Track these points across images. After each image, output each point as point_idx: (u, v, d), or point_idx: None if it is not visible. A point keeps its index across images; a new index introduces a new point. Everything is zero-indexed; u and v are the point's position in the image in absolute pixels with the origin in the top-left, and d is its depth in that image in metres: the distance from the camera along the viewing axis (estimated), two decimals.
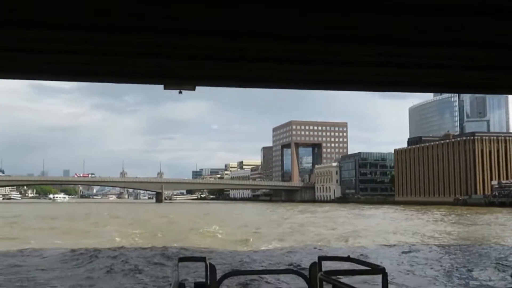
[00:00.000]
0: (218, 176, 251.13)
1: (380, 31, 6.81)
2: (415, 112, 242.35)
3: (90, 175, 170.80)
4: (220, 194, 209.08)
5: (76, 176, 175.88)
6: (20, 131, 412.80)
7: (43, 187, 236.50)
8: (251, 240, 23.83)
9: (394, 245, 22.35)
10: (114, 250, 19.82)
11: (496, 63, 8.98)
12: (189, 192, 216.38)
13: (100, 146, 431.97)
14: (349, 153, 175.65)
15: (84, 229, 32.19)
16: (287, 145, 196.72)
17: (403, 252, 19.58)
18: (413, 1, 5.80)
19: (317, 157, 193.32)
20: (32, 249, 20.26)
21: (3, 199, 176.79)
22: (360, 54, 8.15)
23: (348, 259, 3.80)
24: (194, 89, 10.71)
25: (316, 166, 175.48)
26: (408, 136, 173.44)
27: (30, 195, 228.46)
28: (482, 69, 9.22)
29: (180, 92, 10.41)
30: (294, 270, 4.15)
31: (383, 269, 3.01)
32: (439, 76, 10.09)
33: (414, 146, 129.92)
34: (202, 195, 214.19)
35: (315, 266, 3.56)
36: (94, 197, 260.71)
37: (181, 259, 3.50)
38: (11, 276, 13.65)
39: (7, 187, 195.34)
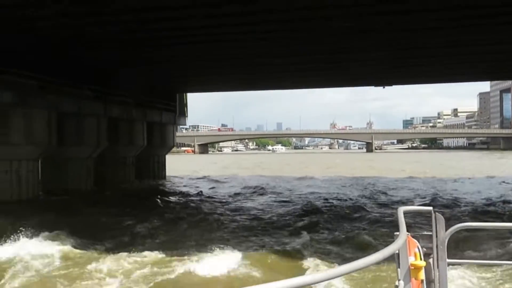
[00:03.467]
0: (430, 124, 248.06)
1: None
2: None
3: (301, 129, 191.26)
4: (432, 143, 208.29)
5: (288, 129, 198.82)
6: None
7: (261, 140, 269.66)
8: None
9: None
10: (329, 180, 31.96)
11: None
12: (400, 141, 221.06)
13: (309, 98, 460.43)
14: None
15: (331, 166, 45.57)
16: (507, 90, 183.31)
17: None
18: None
19: None
20: (299, 177, 33.93)
21: (232, 150, 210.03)
22: None
23: None
24: None
25: None
26: None
27: (251, 147, 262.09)
28: None
29: None
30: None
31: None
32: None
33: None
34: (413, 145, 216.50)
35: None
36: (306, 148, 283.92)
37: (406, 211, 3.15)
38: (308, 189, 26.78)
39: (232, 141, 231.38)
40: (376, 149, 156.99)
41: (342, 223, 15.66)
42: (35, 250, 11.45)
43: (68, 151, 24.63)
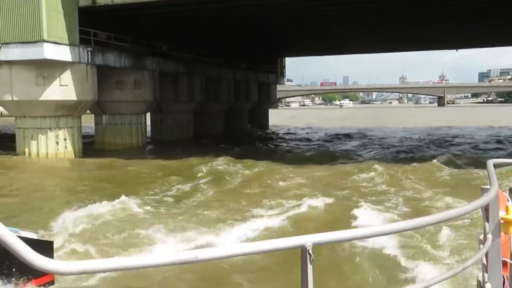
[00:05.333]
0: (509, 77, 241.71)
1: None
2: None
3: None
4: (510, 97, 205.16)
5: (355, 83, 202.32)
6: None
7: (328, 95, 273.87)
8: None
9: None
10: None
11: None
12: (474, 95, 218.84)
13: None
14: None
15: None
16: None
17: None
18: None
19: None
20: (379, 126, 42.00)
21: (299, 105, 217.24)
22: None
23: None
24: None
25: None
26: None
27: (317, 102, 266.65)
28: None
29: None
30: None
31: None
32: None
33: None
34: (489, 98, 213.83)
35: None
36: (374, 102, 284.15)
37: (496, 164, 3.05)
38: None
39: (298, 96, 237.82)
40: (448, 103, 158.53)
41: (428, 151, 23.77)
42: (226, 165, 19.97)
43: (210, 106, 34.12)
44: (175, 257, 1.56)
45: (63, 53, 20.52)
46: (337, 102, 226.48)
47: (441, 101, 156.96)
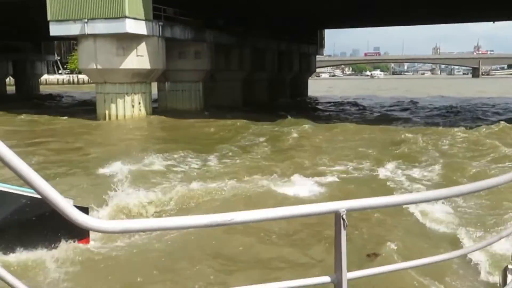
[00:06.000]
0: None
1: None
2: None
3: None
4: None
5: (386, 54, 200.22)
6: None
7: (358, 65, 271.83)
8: None
9: None
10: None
11: None
12: (511, 66, 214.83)
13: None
14: None
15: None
16: None
17: None
18: None
19: None
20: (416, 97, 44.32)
21: (330, 76, 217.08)
22: None
23: None
24: None
25: None
26: None
27: (347, 73, 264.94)
28: None
29: None
30: None
31: None
32: None
33: None
34: None
35: None
36: (405, 73, 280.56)
37: None
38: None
39: (328, 67, 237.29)
40: (483, 74, 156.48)
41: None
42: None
43: (256, 75, 37.03)
44: (211, 219, 1.61)
45: (140, 27, 23.67)
46: (368, 73, 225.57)
47: (475, 73, 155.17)
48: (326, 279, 1.90)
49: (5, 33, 43.53)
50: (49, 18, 23.91)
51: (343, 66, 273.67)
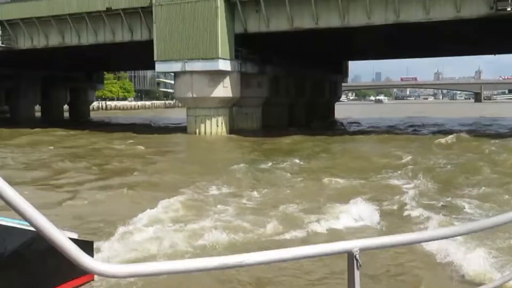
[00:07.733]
0: None
1: None
2: None
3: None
4: None
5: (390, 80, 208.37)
6: None
7: (361, 90, 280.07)
8: None
9: None
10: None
11: None
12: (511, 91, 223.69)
13: None
14: None
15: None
16: None
17: None
18: None
19: None
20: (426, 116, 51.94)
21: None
22: None
23: None
24: None
25: None
26: None
27: (351, 98, 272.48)
28: None
29: None
30: None
31: None
32: None
33: None
34: None
35: None
36: (408, 98, 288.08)
37: None
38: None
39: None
40: (485, 99, 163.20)
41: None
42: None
43: (298, 100, 44.86)
44: (222, 261, 1.59)
45: (227, 65, 31.58)
46: (372, 98, 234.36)
47: (477, 97, 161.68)
48: None
49: (65, 65, 51.57)
50: (155, 58, 31.92)
51: (346, 91, 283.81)
